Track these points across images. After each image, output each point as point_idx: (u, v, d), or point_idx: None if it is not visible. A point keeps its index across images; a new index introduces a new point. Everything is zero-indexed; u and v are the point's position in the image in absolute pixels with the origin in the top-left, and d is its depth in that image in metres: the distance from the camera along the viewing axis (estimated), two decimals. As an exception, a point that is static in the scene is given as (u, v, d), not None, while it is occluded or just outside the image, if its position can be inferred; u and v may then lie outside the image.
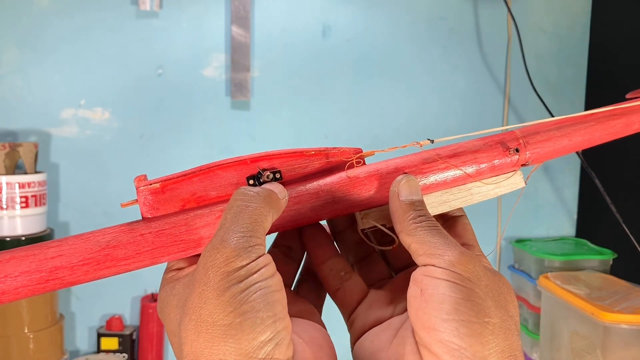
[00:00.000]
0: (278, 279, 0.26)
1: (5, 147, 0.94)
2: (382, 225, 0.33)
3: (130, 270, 0.30)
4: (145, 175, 0.31)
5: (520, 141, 0.36)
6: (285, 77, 1.14)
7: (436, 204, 0.35)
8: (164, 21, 1.08)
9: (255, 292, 0.25)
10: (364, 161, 0.34)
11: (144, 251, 0.30)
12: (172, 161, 1.11)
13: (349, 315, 0.35)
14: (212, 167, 0.32)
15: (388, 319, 0.32)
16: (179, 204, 0.32)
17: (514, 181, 0.37)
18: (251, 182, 0.32)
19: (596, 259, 1.13)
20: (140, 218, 0.31)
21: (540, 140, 0.37)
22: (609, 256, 1.12)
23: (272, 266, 0.26)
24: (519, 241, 1.24)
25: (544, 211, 1.29)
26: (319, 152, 0.33)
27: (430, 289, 0.26)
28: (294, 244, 0.35)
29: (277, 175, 0.32)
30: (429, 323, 0.26)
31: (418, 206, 0.31)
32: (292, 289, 0.35)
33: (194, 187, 0.32)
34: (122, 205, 0.31)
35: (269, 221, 0.28)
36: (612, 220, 0.97)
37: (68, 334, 1.08)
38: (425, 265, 0.28)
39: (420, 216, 0.30)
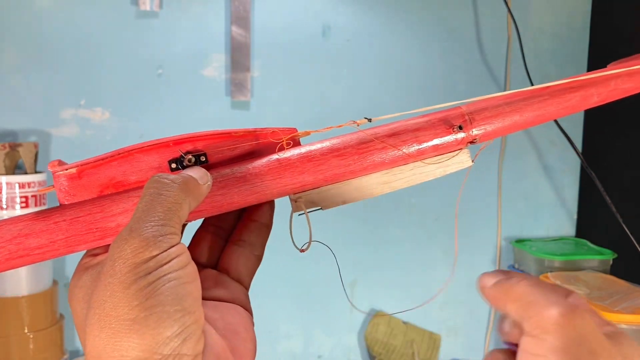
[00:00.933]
0: (191, 270, 0.25)
1: (5, 147, 0.94)
2: (317, 208, 0.32)
3: (45, 260, 0.28)
4: (60, 160, 0.30)
5: (466, 117, 0.35)
6: (285, 77, 1.14)
7: (376, 185, 0.34)
8: (164, 21, 1.08)
9: (163, 285, 0.24)
10: (298, 142, 0.33)
11: (58, 240, 0.28)
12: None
13: None
14: (132, 150, 0.30)
15: None
16: (97, 189, 0.30)
17: (460, 160, 0.35)
18: (173, 165, 0.30)
19: (596, 259, 1.13)
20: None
21: (487, 117, 0.35)
22: (609, 256, 1.12)
23: (186, 256, 0.25)
24: (519, 241, 1.24)
25: (544, 211, 1.29)
26: (248, 133, 0.32)
27: None
28: (224, 224, 0.34)
29: (202, 159, 0.31)
30: None
31: (505, 273, 0.27)
32: (218, 266, 0.34)
33: (112, 171, 0.30)
34: (39, 192, 0.30)
35: (185, 209, 0.27)
36: (612, 220, 0.97)
37: (68, 334, 1.08)
38: (523, 336, 0.25)
39: (512, 279, 0.26)
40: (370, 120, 0.34)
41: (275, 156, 0.31)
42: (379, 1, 1.16)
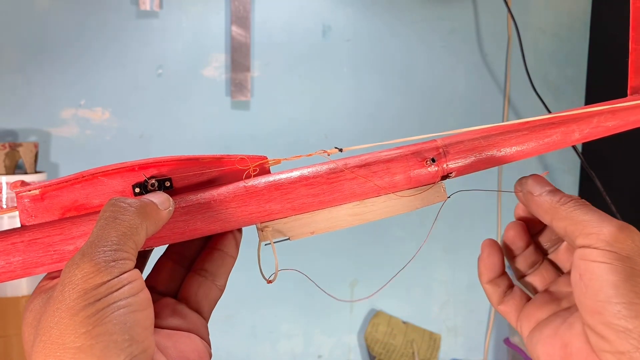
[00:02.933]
0: (143, 298, 0.25)
1: (5, 147, 0.94)
2: (285, 238, 0.31)
3: (2, 282, 0.28)
4: (22, 181, 0.30)
5: (440, 150, 0.34)
6: (285, 77, 1.14)
7: (346, 217, 0.33)
8: (164, 21, 1.08)
9: (113, 312, 0.23)
10: (268, 170, 0.33)
11: (15, 261, 0.28)
12: (172, 161, 1.11)
13: (515, 321, 0.35)
14: (96, 173, 0.30)
15: (555, 312, 0.32)
16: (59, 212, 0.30)
17: (435, 194, 0.34)
18: (137, 190, 0.30)
19: (596, 259, 1.12)
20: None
21: (463, 150, 0.34)
22: (609, 256, 1.12)
23: (139, 283, 0.25)
24: (519, 241, 1.24)
25: (544, 211, 1.29)
26: (215, 160, 0.31)
27: (588, 273, 0.26)
28: (187, 252, 0.33)
29: (167, 184, 0.30)
30: (592, 307, 0.26)
31: (556, 192, 0.30)
32: (178, 294, 0.33)
33: (75, 194, 0.30)
34: (0, 212, 0.30)
35: (142, 235, 0.26)
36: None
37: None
38: (581, 247, 0.27)
39: (563, 198, 0.29)
40: (341, 150, 0.33)
41: (241, 183, 0.31)
42: (379, 1, 1.16)
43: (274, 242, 0.32)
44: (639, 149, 1.10)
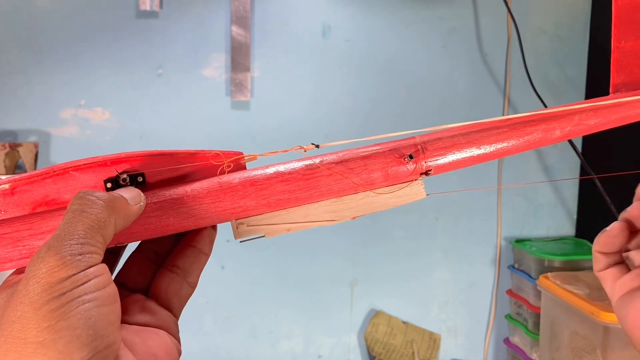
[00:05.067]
0: (110, 292, 0.24)
1: (5, 147, 0.94)
2: (260, 235, 0.31)
3: None
4: None
5: (418, 147, 0.33)
6: (285, 77, 1.14)
7: (324, 213, 0.32)
8: (164, 21, 1.08)
9: (77, 307, 0.23)
10: (244, 166, 0.32)
11: None
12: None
13: (609, 286, 0.39)
14: (67, 168, 0.29)
15: None
16: (29, 206, 0.29)
17: (413, 191, 0.33)
18: (109, 185, 0.29)
19: (596, 259, 1.12)
20: None
21: (441, 147, 0.34)
22: (609, 256, 1.12)
23: (105, 277, 0.24)
24: (519, 241, 1.24)
25: (544, 211, 1.29)
26: (189, 155, 0.31)
27: None
28: (160, 248, 0.33)
29: (140, 179, 0.30)
30: None
31: None
32: (149, 291, 0.33)
33: (46, 189, 0.29)
34: None
35: (110, 229, 0.26)
36: (612, 220, 0.97)
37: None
38: None
39: None
40: (318, 146, 0.33)
41: (216, 179, 0.30)
42: (379, 1, 1.16)
43: (249, 239, 0.32)
44: (639, 149, 1.10)
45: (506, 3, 1.15)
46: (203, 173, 0.31)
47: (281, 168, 0.32)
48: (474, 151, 0.34)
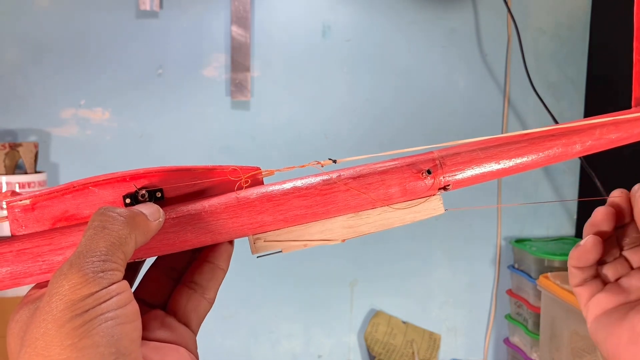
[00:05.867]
0: (131, 310, 0.25)
1: (5, 147, 0.94)
2: (277, 250, 0.31)
3: None
4: (13, 191, 0.29)
5: (437, 162, 0.33)
6: (285, 77, 1.14)
7: (341, 229, 0.32)
8: (164, 21, 1.08)
9: (100, 324, 0.23)
10: (261, 181, 0.32)
11: (3, 271, 0.27)
12: (173, 162, 1.11)
13: (584, 304, 0.38)
14: (87, 183, 0.29)
15: (623, 304, 0.36)
16: (50, 222, 0.29)
17: (431, 206, 0.33)
18: (128, 201, 0.29)
19: (596, 259, 1.12)
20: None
21: (460, 162, 0.33)
22: (608, 256, 1.12)
23: (127, 295, 0.25)
24: (519, 241, 1.24)
25: (544, 211, 1.29)
26: (207, 170, 0.31)
27: None
28: (177, 264, 0.33)
29: (158, 195, 0.30)
30: None
31: None
32: (167, 306, 0.33)
33: (66, 204, 0.29)
34: None
35: (131, 245, 0.26)
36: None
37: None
38: None
39: None
40: (335, 161, 0.32)
41: (233, 194, 0.30)
42: (379, 1, 1.16)
43: (266, 255, 0.32)
44: (639, 149, 1.10)
45: (506, 3, 1.15)
46: (221, 188, 0.31)
47: (298, 183, 0.31)
48: (493, 166, 0.34)
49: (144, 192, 0.29)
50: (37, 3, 1.04)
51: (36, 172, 0.98)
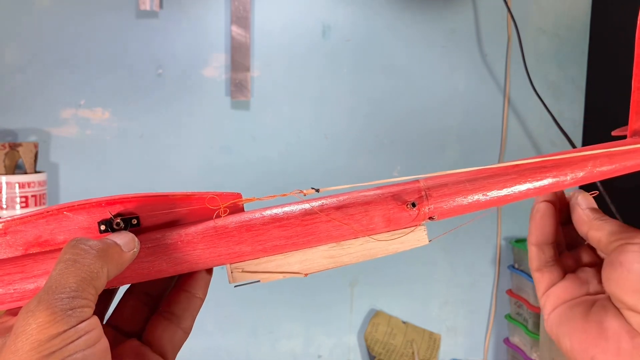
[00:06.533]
0: (101, 348, 0.24)
1: (5, 147, 0.94)
2: (255, 280, 0.30)
3: None
4: None
5: (422, 193, 0.32)
6: (285, 77, 1.14)
7: (321, 259, 0.31)
8: (164, 21, 1.08)
9: None
10: (242, 207, 0.31)
11: None
12: (173, 161, 1.11)
13: (541, 294, 0.38)
14: (61, 208, 0.29)
15: (582, 296, 0.36)
16: (22, 247, 0.29)
17: (415, 237, 0.33)
18: (102, 227, 0.29)
19: (596, 259, 1.12)
20: None
21: (446, 194, 0.33)
22: (609, 256, 1.12)
23: (97, 332, 0.24)
24: (519, 241, 1.24)
25: (544, 211, 1.29)
26: (185, 197, 0.30)
27: (630, 260, 0.31)
28: (152, 290, 0.32)
29: (134, 222, 0.29)
30: (633, 288, 0.31)
31: (597, 211, 0.36)
32: (142, 335, 0.32)
33: (40, 229, 0.29)
34: None
35: (103, 279, 0.25)
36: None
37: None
38: (621, 245, 0.32)
39: (602, 216, 0.35)
40: (318, 190, 0.31)
41: (211, 223, 0.30)
42: (379, 1, 1.16)
43: (243, 284, 0.31)
44: None
45: (506, 3, 1.15)
46: (200, 214, 0.31)
47: (279, 213, 0.31)
48: (480, 198, 0.33)
49: (118, 220, 0.29)
50: (37, 3, 1.04)
51: (36, 172, 0.98)
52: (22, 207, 0.94)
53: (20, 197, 0.94)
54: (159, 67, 1.09)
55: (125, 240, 0.27)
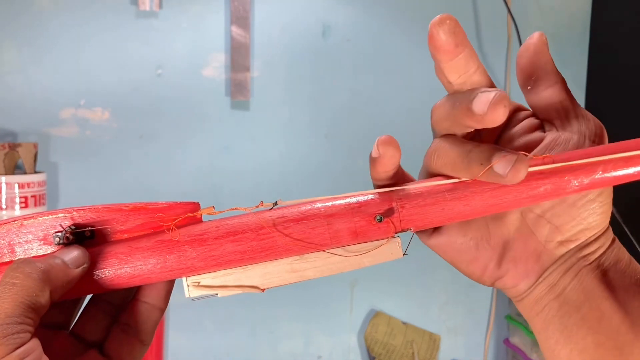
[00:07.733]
0: None
1: (5, 147, 0.94)
2: (214, 293, 0.29)
3: None
4: None
5: (394, 204, 0.30)
6: (285, 77, 1.14)
7: (283, 273, 0.31)
8: (164, 21, 1.08)
9: None
10: (200, 218, 0.30)
11: None
12: (173, 161, 1.11)
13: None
14: (19, 218, 0.28)
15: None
16: None
17: (388, 251, 0.31)
18: (57, 239, 0.28)
19: (596, 259, 1.12)
20: None
21: (422, 205, 0.30)
22: (609, 256, 1.12)
23: (36, 355, 0.23)
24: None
25: (544, 211, 1.29)
26: (139, 208, 0.29)
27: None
28: (113, 299, 0.32)
29: (88, 234, 0.29)
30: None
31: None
32: (103, 348, 0.31)
33: None
34: None
35: (44, 299, 0.25)
36: (612, 220, 0.97)
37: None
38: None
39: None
40: (276, 203, 0.30)
41: (161, 236, 0.29)
42: (379, 1, 1.16)
43: (200, 298, 0.30)
44: None
45: (506, 3, 1.15)
46: (155, 224, 0.30)
47: (234, 225, 0.29)
48: (461, 207, 0.30)
49: (68, 234, 0.28)
50: (37, 3, 1.04)
51: (35, 172, 0.98)
52: (21, 208, 0.94)
53: (20, 197, 0.94)
54: (159, 67, 1.09)
55: (72, 256, 0.27)
